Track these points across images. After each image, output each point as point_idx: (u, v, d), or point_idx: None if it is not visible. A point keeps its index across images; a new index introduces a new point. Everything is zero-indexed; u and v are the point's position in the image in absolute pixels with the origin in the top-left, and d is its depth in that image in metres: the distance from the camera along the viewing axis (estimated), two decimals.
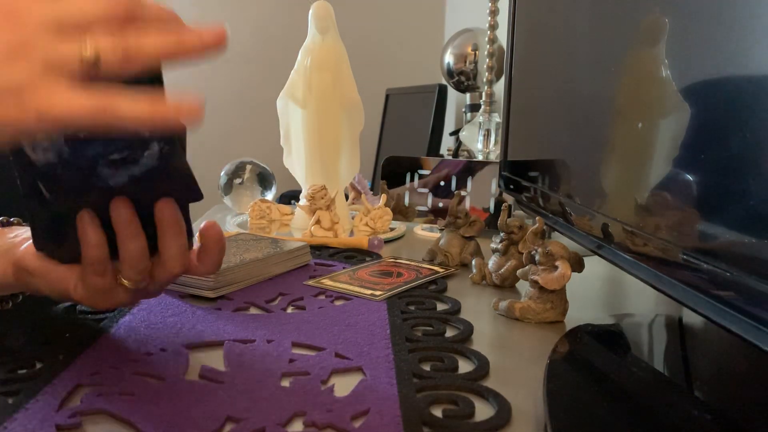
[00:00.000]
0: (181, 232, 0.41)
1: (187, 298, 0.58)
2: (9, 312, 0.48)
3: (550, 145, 0.67)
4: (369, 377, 0.41)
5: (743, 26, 0.32)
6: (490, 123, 1.17)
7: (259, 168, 1.07)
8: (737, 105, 0.32)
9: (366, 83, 1.07)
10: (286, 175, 0.98)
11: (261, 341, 0.47)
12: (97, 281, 0.40)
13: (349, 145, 0.93)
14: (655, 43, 0.42)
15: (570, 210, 0.57)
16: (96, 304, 0.42)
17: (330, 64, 0.89)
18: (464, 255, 0.74)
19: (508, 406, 0.38)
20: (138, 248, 0.40)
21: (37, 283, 0.42)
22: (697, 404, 0.40)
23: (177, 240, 0.41)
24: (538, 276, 0.55)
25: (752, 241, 0.30)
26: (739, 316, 0.30)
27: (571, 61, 0.60)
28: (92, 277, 0.40)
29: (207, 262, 0.43)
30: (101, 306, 0.42)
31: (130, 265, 0.40)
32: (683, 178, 0.38)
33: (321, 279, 0.65)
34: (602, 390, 0.41)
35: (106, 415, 0.36)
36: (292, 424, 0.35)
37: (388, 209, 0.95)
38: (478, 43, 1.50)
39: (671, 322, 0.56)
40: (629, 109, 0.46)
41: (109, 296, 0.42)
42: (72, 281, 0.41)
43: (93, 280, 0.40)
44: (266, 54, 2.03)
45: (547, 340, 0.49)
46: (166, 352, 0.45)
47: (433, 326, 0.51)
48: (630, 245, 0.44)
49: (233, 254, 0.65)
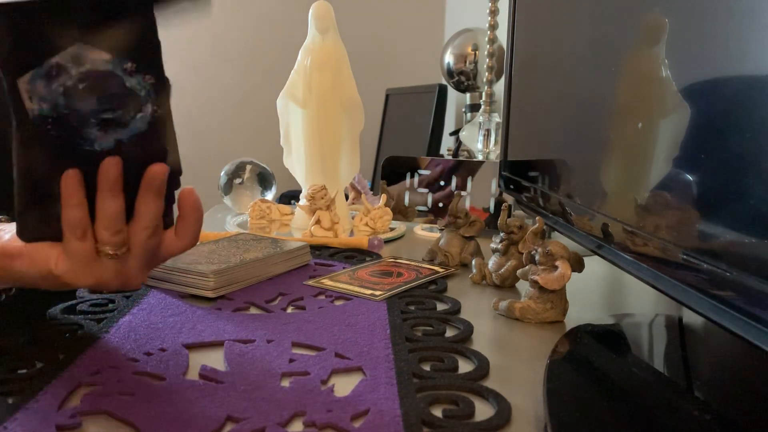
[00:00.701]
0: (160, 195, 0.41)
1: (187, 298, 0.58)
2: (9, 312, 0.49)
3: (550, 145, 0.67)
4: (369, 377, 0.41)
5: (743, 26, 0.32)
6: (490, 123, 1.17)
7: (259, 168, 1.07)
8: (737, 105, 0.32)
9: (366, 83, 1.07)
10: (286, 175, 0.98)
11: (261, 341, 0.47)
12: (77, 247, 0.40)
13: (349, 145, 0.93)
14: (655, 43, 0.42)
15: (570, 210, 0.57)
16: (78, 277, 0.41)
17: (330, 64, 0.89)
18: (464, 255, 0.74)
19: (508, 406, 0.38)
20: (115, 207, 0.40)
21: (20, 266, 0.42)
22: (697, 404, 0.40)
23: (155, 201, 0.41)
24: (538, 276, 0.55)
25: (752, 241, 0.30)
26: (739, 316, 0.30)
27: (571, 61, 0.60)
28: (73, 241, 0.40)
29: (184, 232, 0.44)
30: (83, 280, 0.42)
31: (106, 224, 0.40)
32: (683, 178, 0.38)
33: (321, 279, 0.65)
34: (602, 390, 0.41)
35: (106, 415, 0.36)
36: (292, 424, 0.35)
37: (388, 209, 0.95)
38: (478, 43, 1.50)
39: (671, 322, 0.56)
40: (629, 109, 0.46)
41: (91, 268, 0.41)
42: (53, 257, 0.41)
43: (73, 245, 0.40)
44: (266, 54, 2.03)
45: (547, 340, 0.49)
46: (166, 352, 0.45)
47: (433, 326, 0.51)
48: (630, 245, 0.44)
49: (233, 254, 0.65)
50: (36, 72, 0.36)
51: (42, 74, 0.36)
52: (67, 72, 0.36)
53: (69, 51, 0.36)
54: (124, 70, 0.37)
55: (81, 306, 0.53)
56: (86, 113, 0.37)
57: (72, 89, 0.37)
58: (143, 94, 0.38)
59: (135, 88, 0.38)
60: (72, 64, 0.36)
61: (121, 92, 0.38)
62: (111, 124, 0.38)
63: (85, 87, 0.37)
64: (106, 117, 0.38)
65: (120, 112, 0.38)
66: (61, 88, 0.36)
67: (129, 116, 0.38)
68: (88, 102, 0.37)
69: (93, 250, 0.41)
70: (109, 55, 0.37)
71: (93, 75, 0.37)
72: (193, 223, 0.43)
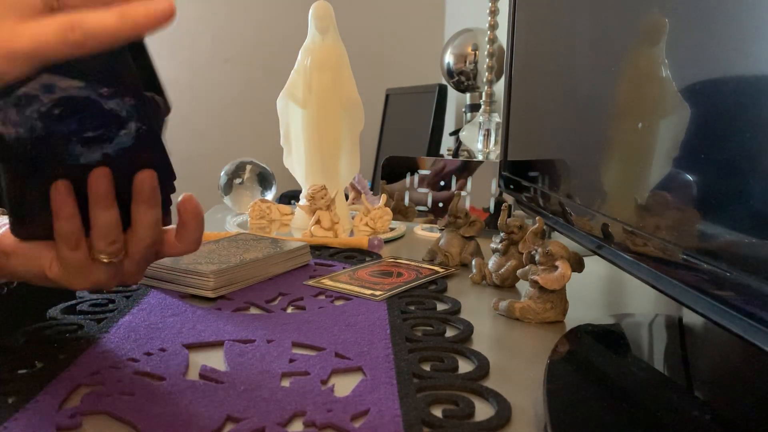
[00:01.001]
0: (155, 203, 0.40)
1: (187, 298, 0.58)
2: (9, 312, 0.49)
3: (550, 145, 0.67)
4: (369, 377, 0.41)
5: (743, 26, 0.32)
6: (490, 123, 1.17)
7: (259, 168, 1.07)
8: (737, 105, 0.32)
9: (366, 83, 1.08)
10: (286, 175, 0.98)
11: (261, 341, 0.47)
12: (70, 256, 0.40)
13: (349, 145, 0.93)
14: (655, 43, 0.42)
15: (570, 210, 0.57)
16: (72, 282, 0.41)
17: (330, 64, 0.89)
18: (464, 255, 0.74)
19: (508, 406, 0.38)
20: (109, 218, 0.39)
21: (15, 265, 0.41)
22: (697, 404, 0.40)
23: (151, 209, 0.40)
24: (538, 276, 0.55)
25: (752, 241, 0.30)
26: (739, 316, 0.30)
27: (571, 60, 0.60)
28: (65, 251, 0.39)
29: (185, 238, 0.43)
30: (78, 285, 0.41)
31: (101, 235, 0.40)
32: (683, 178, 0.38)
33: (321, 279, 0.65)
34: (602, 390, 0.41)
35: (106, 415, 0.36)
36: (292, 424, 0.35)
37: (388, 209, 0.95)
38: (478, 43, 1.50)
39: (671, 322, 0.56)
40: (629, 109, 0.46)
41: (85, 273, 0.41)
42: (47, 260, 0.40)
43: (66, 254, 0.40)
44: (266, 54, 2.03)
45: (547, 340, 0.49)
46: (166, 352, 0.45)
47: (433, 326, 0.51)
48: (630, 245, 0.44)
49: (233, 254, 0.65)
50: (4, 102, 0.34)
51: (11, 103, 0.34)
52: (38, 100, 0.35)
53: (37, 81, 0.34)
54: (100, 94, 0.35)
55: (81, 306, 0.53)
56: (67, 134, 0.36)
57: (47, 114, 0.35)
58: (125, 114, 0.36)
59: (114, 110, 0.36)
60: (42, 93, 0.34)
61: (99, 113, 0.36)
62: (95, 141, 0.37)
63: (61, 112, 0.35)
64: (88, 136, 0.37)
65: (102, 131, 0.37)
66: (35, 113, 0.35)
67: (112, 133, 0.37)
68: (67, 124, 0.36)
69: (86, 258, 0.40)
70: (81, 82, 0.35)
71: (68, 100, 0.35)
72: (193, 229, 0.43)
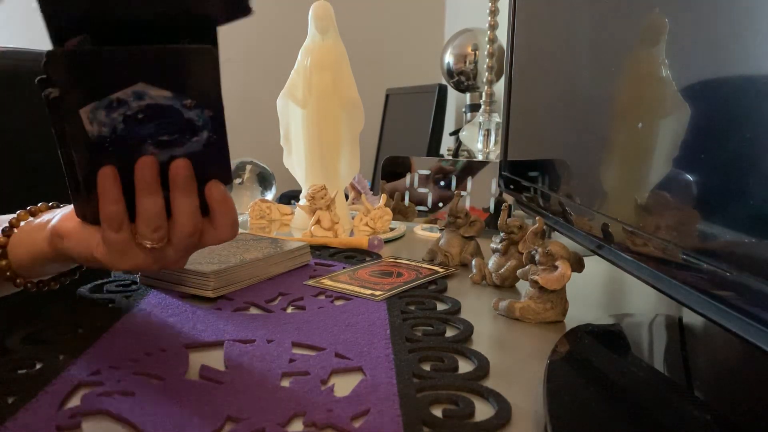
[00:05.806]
0: (190, 192, 0.42)
1: (187, 298, 0.58)
2: (9, 312, 0.49)
3: (550, 145, 0.67)
4: (369, 377, 0.41)
5: (743, 26, 0.32)
6: (490, 123, 1.17)
7: (259, 168, 1.07)
8: (737, 105, 0.32)
9: (366, 83, 1.07)
10: (286, 175, 0.98)
11: (261, 341, 0.47)
12: (113, 237, 0.42)
13: (349, 145, 0.93)
14: (655, 43, 0.42)
15: (570, 210, 0.57)
16: (114, 263, 0.44)
17: (330, 64, 0.89)
18: (464, 255, 0.74)
19: (508, 406, 0.38)
20: (154, 205, 0.41)
21: (69, 247, 0.45)
22: (697, 404, 0.40)
23: (187, 197, 0.42)
24: (538, 276, 0.55)
25: (752, 241, 0.30)
26: (739, 316, 0.30)
27: (572, 61, 0.60)
28: (109, 233, 0.42)
29: (218, 224, 0.44)
30: (120, 266, 0.44)
31: (145, 220, 0.42)
32: (683, 178, 0.38)
33: (321, 279, 0.65)
34: (602, 390, 0.41)
35: (106, 415, 0.36)
36: (292, 424, 0.35)
37: (388, 209, 0.95)
38: (478, 43, 1.50)
39: (671, 322, 0.56)
40: (629, 109, 0.46)
41: (127, 256, 0.43)
42: (95, 241, 0.43)
43: (110, 235, 0.42)
44: (266, 54, 2.03)
45: (547, 340, 0.49)
46: (166, 352, 0.45)
47: (433, 326, 0.51)
48: (630, 245, 0.44)
49: (233, 254, 0.65)
50: (97, 104, 0.38)
51: (103, 106, 0.38)
52: (127, 105, 0.38)
53: (131, 88, 0.38)
54: (184, 105, 0.39)
55: (81, 305, 0.53)
56: (144, 136, 0.40)
57: (131, 118, 0.39)
58: (200, 124, 0.40)
59: (192, 119, 0.40)
60: (133, 99, 0.38)
61: (178, 121, 0.39)
62: (167, 144, 0.40)
63: (144, 117, 0.39)
64: (163, 139, 0.40)
65: (176, 136, 0.40)
66: (120, 117, 0.39)
67: (185, 139, 0.40)
68: (147, 128, 0.39)
69: (129, 241, 0.43)
70: (170, 93, 0.39)
71: (152, 107, 0.39)
72: (223, 214, 0.44)
